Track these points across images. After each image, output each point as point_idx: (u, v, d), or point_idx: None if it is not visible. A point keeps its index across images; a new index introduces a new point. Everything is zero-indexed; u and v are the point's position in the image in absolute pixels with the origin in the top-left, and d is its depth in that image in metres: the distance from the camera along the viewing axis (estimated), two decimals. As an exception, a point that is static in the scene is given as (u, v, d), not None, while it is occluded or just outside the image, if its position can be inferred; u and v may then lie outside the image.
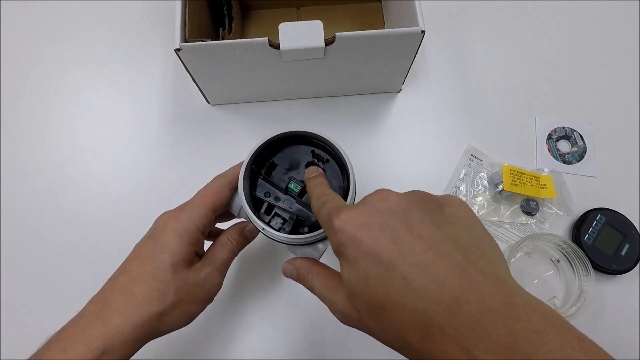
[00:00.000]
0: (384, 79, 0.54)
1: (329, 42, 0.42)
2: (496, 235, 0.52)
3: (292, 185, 0.35)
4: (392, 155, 0.55)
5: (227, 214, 0.38)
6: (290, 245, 0.34)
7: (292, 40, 0.42)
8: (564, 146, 0.56)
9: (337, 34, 0.42)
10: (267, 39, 0.41)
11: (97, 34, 0.59)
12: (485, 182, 0.54)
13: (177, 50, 0.41)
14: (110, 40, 0.59)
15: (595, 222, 0.50)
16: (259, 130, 0.56)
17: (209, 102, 0.56)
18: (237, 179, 0.34)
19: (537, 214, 0.52)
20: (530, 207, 0.52)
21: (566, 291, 0.50)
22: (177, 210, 0.34)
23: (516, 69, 0.59)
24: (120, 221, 0.51)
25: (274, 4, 0.60)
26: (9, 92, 0.57)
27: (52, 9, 0.60)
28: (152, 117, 0.56)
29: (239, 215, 0.37)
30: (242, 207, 0.34)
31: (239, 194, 0.34)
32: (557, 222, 0.52)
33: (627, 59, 0.60)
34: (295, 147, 0.37)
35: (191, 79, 0.48)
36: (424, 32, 0.43)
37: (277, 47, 0.42)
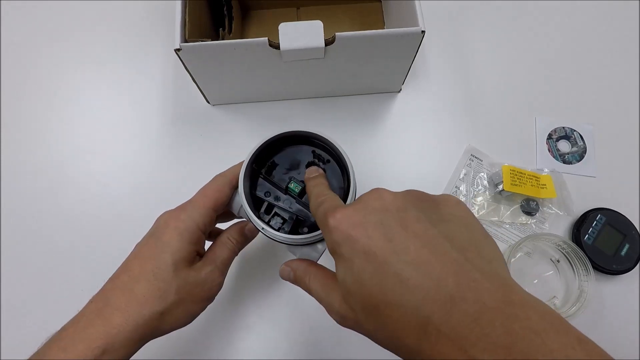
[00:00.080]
0: (384, 79, 0.54)
1: (329, 42, 0.42)
2: (496, 235, 0.52)
3: (293, 185, 0.35)
4: (392, 155, 0.55)
5: (228, 214, 0.38)
6: (289, 245, 0.34)
7: (292, 40, 0.42)
8: (564, 146, 0.56)
9: (337, 34, 0.42)
10: (267, 39, 0.41)
11: (97, 34, 0.59)
12: (485, 182, 0.54)
13: (177, 50, 0.41)
14: (110, 40, 0.59)
15: (595, 222, 0.50)
16: (259, 130, 0.55)
17: (209, 102, 0.56)
18: (238, 178, 0.34)
19: (537, 214, 0.52)
20: (530, 207, 0.52)
21: (566, 291, 0.50)
22: (178, 209, 0.34)
23: (516, 69, 0.59)
24: (120, 221, 0.51)
25: (274, 4, 0.60)
26: (9, 92, 0.57)
27: (52, 9, 0.60)
28: (152, 117, 0.56)
29: (239, 214, 0.37)
30: (242, 206, 0.34)
31: (239, 193, 0.34)
32: (557, 222, 0.52)
33: (627, 59, 0.60)
34: (296, 147, 0.37)
35: (191, 79, 0.48)
36: (424, 32, 0.43)
37: (277, 47, 0.42)
